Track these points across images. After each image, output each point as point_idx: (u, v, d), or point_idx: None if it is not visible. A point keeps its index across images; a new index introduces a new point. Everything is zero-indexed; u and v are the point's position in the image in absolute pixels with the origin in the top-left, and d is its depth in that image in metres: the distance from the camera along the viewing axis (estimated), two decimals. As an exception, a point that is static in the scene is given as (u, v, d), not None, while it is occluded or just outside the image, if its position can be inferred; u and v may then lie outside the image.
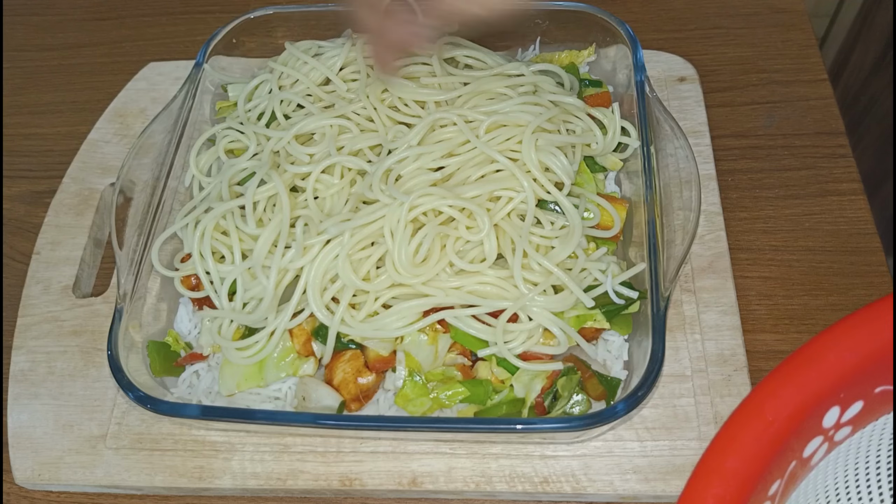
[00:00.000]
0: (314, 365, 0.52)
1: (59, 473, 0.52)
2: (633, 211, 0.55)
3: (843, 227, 0.60)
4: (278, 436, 0.52)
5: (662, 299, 0.48)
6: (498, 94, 0.57)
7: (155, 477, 0.51)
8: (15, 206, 0.68)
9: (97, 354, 0.56)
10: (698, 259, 0.57)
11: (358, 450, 0.51)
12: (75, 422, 0.54)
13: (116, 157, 0.67)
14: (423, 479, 0.50)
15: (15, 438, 0.53)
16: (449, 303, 0.49)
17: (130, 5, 0.83)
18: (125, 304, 0.51)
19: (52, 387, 0.55)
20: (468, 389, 0.50)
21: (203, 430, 0.53)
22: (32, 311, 0.59)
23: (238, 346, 0.51)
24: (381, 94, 0.57)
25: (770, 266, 0.59)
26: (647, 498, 0.49)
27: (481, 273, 0.50)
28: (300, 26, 0.66)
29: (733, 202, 0.62)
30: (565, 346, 0.49)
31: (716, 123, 0.66)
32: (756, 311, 0.57)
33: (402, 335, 0.50)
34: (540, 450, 0.50)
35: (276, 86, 0.61)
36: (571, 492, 0.49)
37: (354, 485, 0.50)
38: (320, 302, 0.50)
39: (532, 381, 0.50)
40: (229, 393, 0.52)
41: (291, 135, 0.56)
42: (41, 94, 0.76)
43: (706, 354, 0.53)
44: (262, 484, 0.51)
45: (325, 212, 0.54)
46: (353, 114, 0.57)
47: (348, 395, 0.51)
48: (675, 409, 0.51)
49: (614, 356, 0.52)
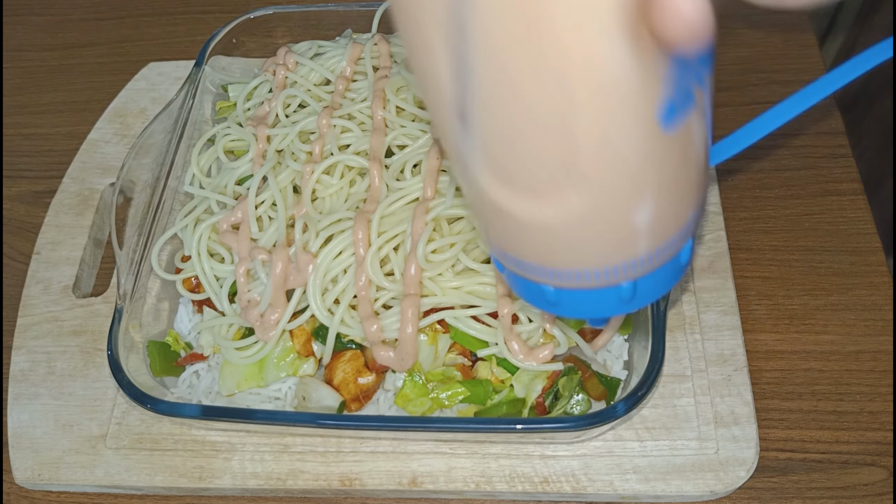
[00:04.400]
0: (314, 365, 0.52)
1: (59, 473, 0.52)
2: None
3: (843, 227, 0.60)
4: (278, 436, 0.52)
5: (662, 299, 0.48)
6: None
7: (155, 477, 0.51)
8: (15, 206, 0.68)
9: (97, 354, 0.56)
10: (698, 259, 0.57)
11: (358, 450, 0.51)
12: (75, 422, 0.54)
13: (116, 157, 0.67)
14: (423, 479, 0.50)
15: (15, 438, 0.53)
16: (449, 303, 0.49)
17: (130, 5, 0.83)
18: (125, 304, 0.51)
19: (52, 387, 0.55)
20: (468, 389, 0.50)
21: (203, 430, 0.53)
22: (32, 311, 0.59)
23: (238, 346, 0.51)
24: (396, 93, 0.57)
25: (770, 266, 0.59)
26: (647, 498, 0.49)
27: (481, 273, 0.50)
28: (300, 26, 0.66)
29: (733, 202, 0.62)
30: (565, 346, 0.49)
31: (716, 123, 0.65)
32: (756, 311, 0.57)
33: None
34: (540, 450, 0.50)
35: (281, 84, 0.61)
36: (571, 492, 0.49)
37: (354, 485, 0.50)
38: (321, 302, 0.50)
39: (532, 381, 0.50)
40: (229, 393, 0.52)
41: (296, 132, 0.56)
42: (41, 94, 0.76)
43: (706, 354, 0.53)
44: (262, 484, 0.51)
45: (326, 211, 0.54)
46: (358, 112, 0.57)
47: (348, 395, 0.51)
48: (675, 409, 0.51)
49: (614, 356, 0.52)
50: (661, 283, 0.31)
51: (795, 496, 0.50)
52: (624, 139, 0.24)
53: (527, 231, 0.29)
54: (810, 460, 0.51)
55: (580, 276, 0.30)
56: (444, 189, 0.51)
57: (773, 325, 0.56)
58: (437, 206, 0.49)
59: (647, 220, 0.27)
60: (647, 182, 0.26)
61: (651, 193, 0.27)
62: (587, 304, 0.32)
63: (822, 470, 0.50)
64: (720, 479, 0.49)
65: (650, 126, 0.24)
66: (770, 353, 0.55)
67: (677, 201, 0.28)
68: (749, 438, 0.50)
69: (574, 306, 0.32)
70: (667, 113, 0.24)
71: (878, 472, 0.50)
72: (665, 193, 0.27)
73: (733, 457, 0.49)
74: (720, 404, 0.51)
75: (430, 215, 0.49)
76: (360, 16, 0.66)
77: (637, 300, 0.31)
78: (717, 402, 0.51)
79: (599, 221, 0.27)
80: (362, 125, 0.57)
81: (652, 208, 0.27)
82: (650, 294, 0.31)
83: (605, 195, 0.26)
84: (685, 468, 0.49)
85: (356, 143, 0.55)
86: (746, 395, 0.51)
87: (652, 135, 0.25)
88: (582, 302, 0.31)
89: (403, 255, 0.50)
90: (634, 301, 0.31)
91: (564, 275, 0.30)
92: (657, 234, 0.29)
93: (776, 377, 0.54)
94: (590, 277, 0.30)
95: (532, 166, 0.26)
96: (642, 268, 0.30)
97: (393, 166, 0.53)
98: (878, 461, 0.50)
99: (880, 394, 0.53)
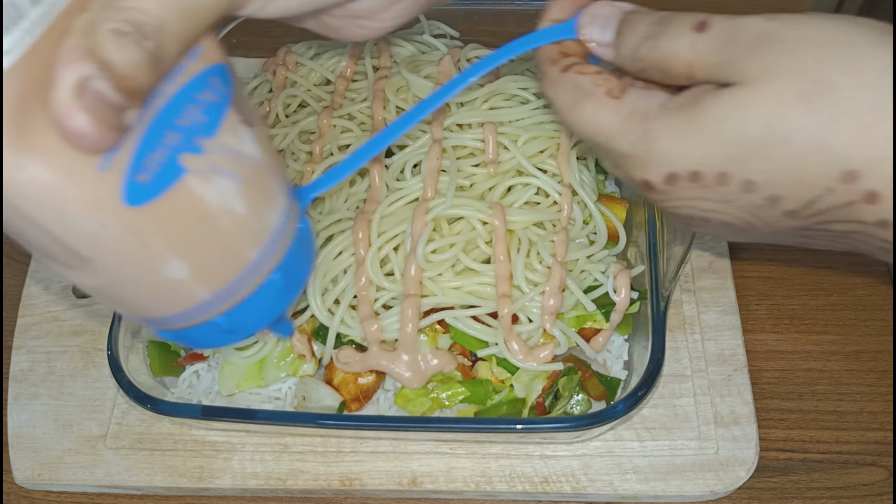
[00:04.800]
0: (314, 365, 0.52)
1: (59, 473, 0.52)
2: (633, 211, 0.55)
3: (843, 227, 0.60)
4: (278, 436, 0.52)
5: (662, 299, 0.48)
6: (513, 95, 0.56)
7: (155, 477, 0.51)
8: (15, 206, 0.68)
9: (97, 354, 0.56)
10: (698, 259, 0.57)
11: (358, 450, 0.51)
12: (75, 422, 0.54)
13: (116, 157, 0.66)
14: (423, 479, 0.50)
15: (15, 438, 0.53)
16: (448, 303, 0.49)
17: (130, 5, 0.83)
18: (125, 304, 0.51)
19: (52, 387, 0.55)
20: (468, 389, 0.50)
21: (203, 430, 0.53)
22: (32, 311, 0.59)
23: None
24: (396, 94, 0.57)
25: (770, 266, 0.59)
26: (647, 498, 0.49)
27: (481, 273, 0.50)
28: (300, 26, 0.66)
29: (733, 202, 0.62)
30: (565, 346, 0.49)
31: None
32: (756, 311, 0.57)
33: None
34: (540, 450, 0.50)
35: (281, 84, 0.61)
36: (571, 492, 0.49)
37: (354, 485, 0.50)
38: (321, 302, 0.50)
39: (532, 381, 0.50)
40: (229, 393, 0.52)
41: (296, 132, 0.56)
42: (41, 94, 0.76)
43: (706, 354, 0.53)
44: (262, 484, 0.51)
45: (326, 211, 0.54)
46: (358, 112, 0.57)
47: (348, 395, 0.51)
48: (675, 409, 0.51)
49: (614, 356, 0.52)
50: (263, 309, 0.34)
51: (795, 496, 0.50)
52: (94, 232, 0.26)
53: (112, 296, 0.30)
54: (810, 460, 0.51)
55: (180, 317, 0.32)
56: (444, 189, 0.51)
57: (773, 325, 0.56)
58: (437, 206, 0.49)
59: (179, 276, 0.29)
60: (151, 251, 0.28)
61: (163, 258, 0.28)
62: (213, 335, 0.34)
63: (822, 470, 0.50)
64: (720, 479, 0.49)
65: (112, 209, 0.25)
66: (770, 353, 0.55)
67: (214, 253, 0.30)
68: (749, 438, 0.50)
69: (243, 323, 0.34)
70: (129, 194, 0.25)
71: (878, 472, 0.50)
72: (188, 252, 0.29)
73: (733, 457, 0.49)
74: (720, 404, 0.51)
75: (430, 215, 0.49)
76: (360, 16, 0.66)
77: (239, 329, 0.34)
78: (717, 402, 0.51)
79: (131, 284, 0.29)
80: (362, 125, 0.57)
81: (177, 267, 0.29)
82: (253, 319, 0.34)
83: (112, 269, 0.28)
84: (685, 468, 0.49)
85: (356, 143, 0.55)
86: (746, 395, 0.51)
87: (120, 217, 0.26)
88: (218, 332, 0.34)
89: (403, 256, 0.50)
90: (235, 332, 0.34)
91: (173, 319, 0.32)
92: (209, 281, 0.31)
93: (776, 377, 0.54)
94: (186, 318, 0.32)
95: (51, 254, 0.27)
96: (220, 306, 0.32)
97: (393, 166, 0.53)
98: (878, 461, 0.50)
99: (880, 394, 0.53)
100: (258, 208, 0.31)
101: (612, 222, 0.53)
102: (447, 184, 0.51)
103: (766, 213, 0.30)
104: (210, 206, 0.29)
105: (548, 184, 0.52)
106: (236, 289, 0.32)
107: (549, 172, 0.53)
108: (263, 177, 0.31)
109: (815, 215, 0.29)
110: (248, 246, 0.31)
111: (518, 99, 0.55)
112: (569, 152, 0.53)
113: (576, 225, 0.52)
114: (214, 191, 0.28)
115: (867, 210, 0.27)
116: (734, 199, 0.29)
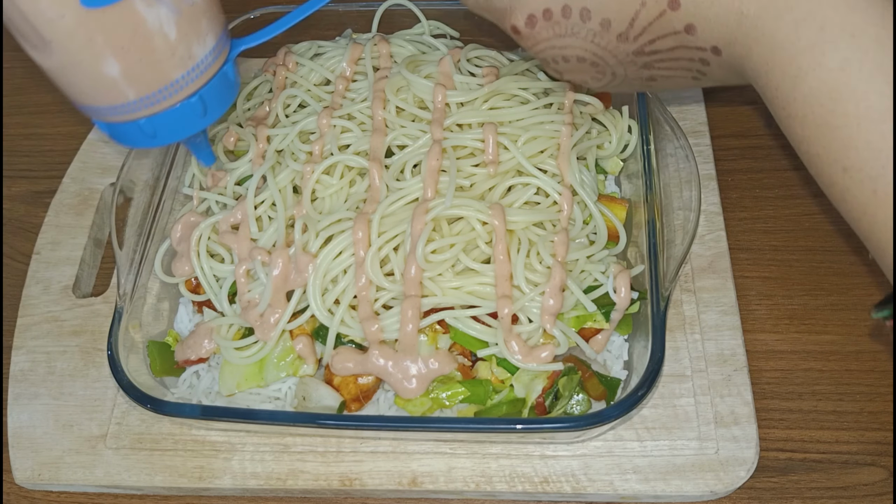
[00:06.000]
0: (314, 365, 0.52)
1: (59, 473, 0.52)
2: (633, 211, 0.55)
3: (843, 227, 0.60)
4: (278, 436, 0.52)
5: (662, 299, 0.48)
6: (514, 95, 0.56)
7: (155, 477, 0.51)
8: (15, 206, 0.68)
9: (97, 354, 0.56)
10: (698, 259, 0.57)
11: (358, 450, 0.51)
12: (75, 422, 0.54)
13: (116, 157, 0.67)
14: (423, 479, 0.50)
15: (15, 438, 0.53)
16: (448, 303, 0.49)
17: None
18: (125, 304, 0.51)
19: (52, 387, 0.55)
20: (468, 389, 0.50)
21: (203, 430, 0.53)
22: (32, 311, 0.59)
23: (237, 346, 0.51)
24: (396, 94, 0.57)
25: (770, 266, 0.59)
26: (647, 498, 0.49)
27: (481, 273, 0.50)
28: (300, 26, 0.65)
29: (733, 202, 0.62)
30: (565, 346, 0.49)
31: (716, 123, 0.66)
32: (756, 311, 0.57)
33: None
34: (540, 450, 0.50)
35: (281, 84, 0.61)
36: (571, 492, 0.49)
37: (354, 485, 0.50)
38: (321, 303, 0.50)
39: (533, 381, 0.50)
40: (229, 393, 0.52)
41: (296, 132, 0.56)
42: (41, 94, 0.76)
43: (706, 354, 0.53)
44: (262, 484, 0.51)
45: (326, 212, 0.54)
46: (358, 113, 0.57)
47: (348, 395, 0.51)
48: (675, 409, 0.51)
49: (614, 356, 0.52)
50: (180, 123, 0.42)
51: (795, 496, 0.50)
52: (54, 19, 0.35)
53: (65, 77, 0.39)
54: (810, 460, 0.51)
55: (111, 110, 0.40)
56: (444, 189, 0.51)
57: (773, 325, 0.56)
58: (437, 207, 0.49)
59: (113, 74, 0.38)
60: (94, 47, 0.37)
61: (102, 54, 0.37)
62: (169, 126, 0.42)
63: (822, 470, 0.50)
64: (720, 479, 0.49)
65: (72, 4, 0.35)
66: (770, 353, 0.55)
67: (144, 63, 0.38)
68: (749, 438, 0.50)
69: (163, 131, 0.42)
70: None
71: (878, 472, 0.50)
72: (123, 56, 0.37)
73: (733, 457, 0.49)
74: (720, 404, 0.51)
75: (430, 215, 0.49)
76: (360, 16, 0.66)
77: (158, 136, 0.42)
78: (717, 402, 0.51)
79: (77, 70, 0.38)
80: (362, 125, 0.57)
81: (112, 65, 0.37)
82: (171, 129, 0.43)
83: (63, 53, 0.37)
84: (685, 468, 0.49)
85: (356, 144, 0.55)
86: (746, 395, 0.52)
87: (76, 13, 0.35)
88: (165, 125, 0.42)
89: (403, 256, 0.50)
90: (155, 137, 0.42)
91: (105, 111, 0.41)
92: (136, 85, 0.39)
93: (776, 377, 0.54)
94: (116, 112, 0.40)
95: (23, 32, 0.37)
96: (143, 110, 0.40)
97: (393, 166, 0.53)
98: (878, 461, 0.50)
99: (880, 394, 0.53)
100: (188, 39, 0.39)
101: (612, 222, 0.53)
102: (447, 184, 0.51)
103: (603, 39, 0.37)
104: (147, 26, 0.37)
105: (548, 184, 0.52)
106: (158, 98, 0.40)
107: (549, 172, 0.53)
108: (197, 16, 0.39)
109: (640, 35, 0.35)
110: (173, 67, 0.40)
111: (518, 99, 0.55)
112: (569, 152, 0.53)
113: (576, 225, 0.52)
114: (154, 14, 0.37)
115: (675, 17, 0.34)
116: (578, 30, 0.37)
